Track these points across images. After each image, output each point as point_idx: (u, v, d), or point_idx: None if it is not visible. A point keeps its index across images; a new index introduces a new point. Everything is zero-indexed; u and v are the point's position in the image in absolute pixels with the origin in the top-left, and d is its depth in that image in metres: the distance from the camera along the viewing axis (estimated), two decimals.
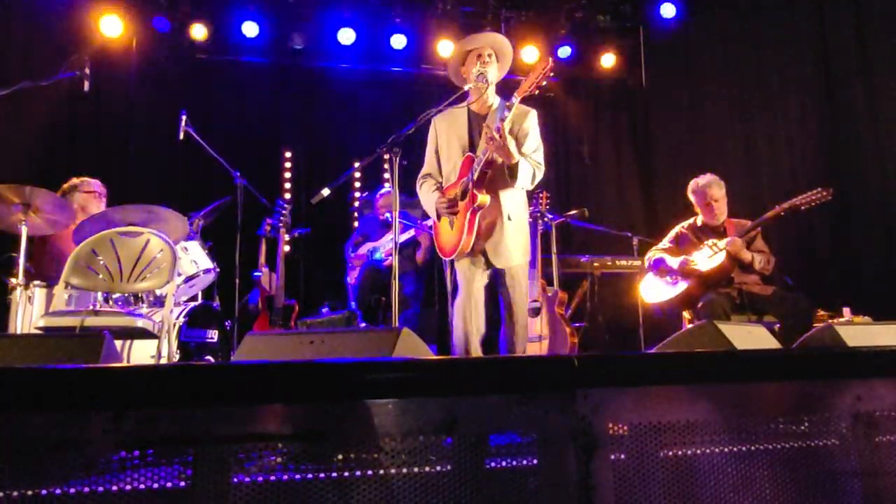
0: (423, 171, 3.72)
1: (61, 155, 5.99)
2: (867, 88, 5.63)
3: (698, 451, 1.62)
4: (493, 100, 3.59)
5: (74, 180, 4.37)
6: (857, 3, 5.74)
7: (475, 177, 3.34)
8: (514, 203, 3.50)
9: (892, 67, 5.46)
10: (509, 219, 3.44)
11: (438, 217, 3.58)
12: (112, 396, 1.35)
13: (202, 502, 1.37)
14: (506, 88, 3.70)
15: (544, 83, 3.25)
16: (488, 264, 3.48)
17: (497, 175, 3.41)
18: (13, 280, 3.62)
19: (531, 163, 3.45)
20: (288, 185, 6.74)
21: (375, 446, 1.45)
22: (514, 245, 3.46)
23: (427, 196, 3.65)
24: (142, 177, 6.14)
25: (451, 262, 3.56)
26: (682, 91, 6.98)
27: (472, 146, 3.52)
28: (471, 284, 3.49)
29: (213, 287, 4.71)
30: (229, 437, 1.39)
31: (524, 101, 3.38)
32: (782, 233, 5.84)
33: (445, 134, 3.62)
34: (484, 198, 3.35)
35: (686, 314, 4.38)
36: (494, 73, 3.57)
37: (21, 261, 3.56)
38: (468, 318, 3.46)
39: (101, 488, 1.34)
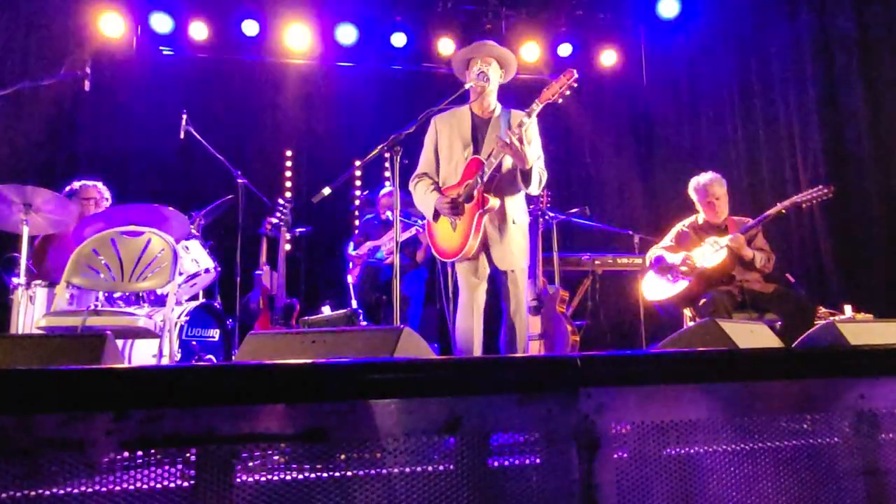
0: (419, 169, 3.71)
1: (62, 155, 5.99)
2: (869, 86, 5.62)
3: (701, 450, 1.62)
4: (496, 105, 3.60)
5: (75, 185, 4.37)
6: (858, 1, 5.73)
7: (485, 180, 3.36)
8: (518, 207, 3.54)
9: (893, 65, 5.46)
10: (514, 223, 3.48)
11: (435, 218, 3.57)
12: (114, 397, 1.35)
13: (205, 502, 1.37)
14: (504, 90, 3.70)
15: (568, 92, 3.29)
16: (491, 266, 3.50)
17: (505, 179, 3.44)
18: (15, 280, 3.62)
19: (537, 169, 3.47)
20: (289, 184, 6.74)
21: (378, 446, 1.45)
22: (517, 248, 3.49)
23: (424, 196, 3.63)
24: (143, 176, 6.14)
25: (452, 263, 3.56)
26: (682, 88, 6.98)
27: (476, 149, 3.53)
28: (472, 286, 3.51)
29: (215, 286, 4.72)
30: (232, 437, 1.39)
31: (521, 109, 3.40)
32: (783, 230, 5.84)
33: (447, 135, 3.62)
34: (495, 201, 3.38)
35: (687, 312, 4.38)
36: (496, 76, 3.57)
37: (22, 260, 3.56)
38: (471, 322, 3.47)
39: (103, 489, 1.34)
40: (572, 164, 7.20)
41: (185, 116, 4.79)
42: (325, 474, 1.44)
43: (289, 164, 6.79)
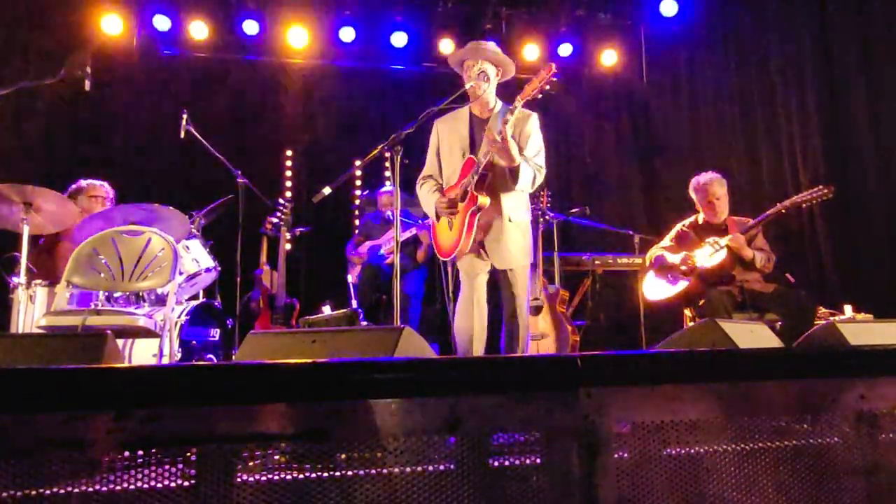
0: (424, 172, 3.75)
1: (62, 154, 5.99)
2: (868, 86, 5.62)
3: (701, 450, 1.62)
4: (496, 104, 3.60)
5: (82, 183, 4.37)
6: (858, 1, 5.73)
7: (476, 179, 3.37)
8: (515, 205, 3.51)
9: (893, 65, 5.46)
10: (510, 220, 3.46)
11: (437, 218, 3.60)
12: (115, 396, 1.35)
13: (206, 501, 1.37)
14: (508, 89, 3.70)
15: (547, 87, 3.27)
16: (489, 265, 3.50)
17: (498, 177, 3.43)
18: (15, 279, 3.62)
19: (532, 166, 3.46)
20: (289, 184, 6.74)
21: (378, 445, 1.45)
22: (515, 247, 3.48)
23: (427, 197, 3.67)
24: (143, 176, 6.14)
25: (453, 262, 3.57)
26: (682, 88, 6.98)
27: (474, 149, 3.53)
28: (472, 285, 3.52)
29: (215, 285, 4.72)
30: (232, 437, 1.39)
31: (526, 104, 3.39)
32: (783, 230, 5.84)
33: (447, 136, 3.65)
34: (484, 199, 3.37)
35: (687, 312, 4.38)
36: (493, 76, 3.58)
37: (23, 260, 3.56)
38: (470, 318, 3.48)
39: (104, 488, 1.34)
40: (572, 164, 7.20)
41: (185, 116, 4.79)
42: (325, 474, 1.44)
43: (289, 164, 6.79)
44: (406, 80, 6.94)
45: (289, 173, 6.78)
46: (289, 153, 6.80)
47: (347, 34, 6.63)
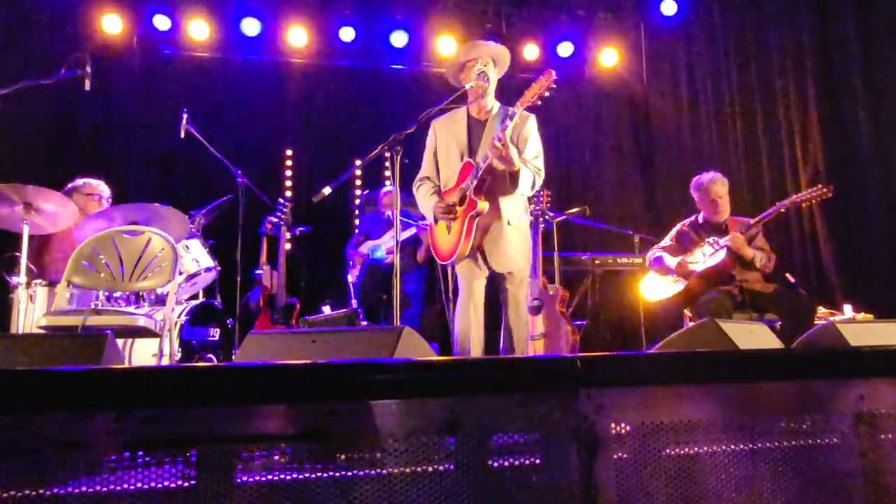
0: (421, 173, 3.73)
1: (62, 154, 5.98)
2: (868, 86, 5.62)
3: (701, 451, 1.62)
4: (493, 105, 3.60)
5: (78, 181, 4.37)
6: (858, 1, 5.73)
7: (475, 183, 3.36)
8: (514, 208, 3.51)
9: (893, 65, 5.46)
10: (509, 224, 3.46)
11: (436, 221, 3.59)
12: (115, 397, 1.35)
13: (206, 502, 1.37)
14: (505, 92, 3.70)
15: (547, 94, 3.28)
16: (488, 268, 3.49)
17: (497, 181, 3.42)
18: (15, 279, 3.62)
19: (531, 169, 3.46)
20: (289, 184, 6.73)
21: (378, 446, 1.45)
22: (514, 250, 3.47)
23: (425, 199, 3.65)
24: (143, 175, 6.14)
25: (452, 266, 3.57)
26: (682, 88, 6.97)
27: (472, 152, 3.53)
28: (471, 287, 3.51)
29: (215, 285, 4.72)
30: (232, 437, 1.39)
31: (525, 108, 3.39)
32: (783, 230, 5.85)
33: (444, 138, 3.63)
34: (483, 204, 3.36)
35: (687, 312, 4.38)
36: (493, 75, 3.58)
37: (23, 260, 3.56)
38: (469, 321, 3.47)
39: (104, 489, 1.34)
40: (572, 164, 7.19)
41: (185, 116, 4.79)
42: (325, 474, 1.44)
43: (289, 163, 6.79)
44: (406, 80, 6.93)
45: (289, 173, 6.77)
46: (289, 153, 6.79)
47: (347, 34, 6.62)
